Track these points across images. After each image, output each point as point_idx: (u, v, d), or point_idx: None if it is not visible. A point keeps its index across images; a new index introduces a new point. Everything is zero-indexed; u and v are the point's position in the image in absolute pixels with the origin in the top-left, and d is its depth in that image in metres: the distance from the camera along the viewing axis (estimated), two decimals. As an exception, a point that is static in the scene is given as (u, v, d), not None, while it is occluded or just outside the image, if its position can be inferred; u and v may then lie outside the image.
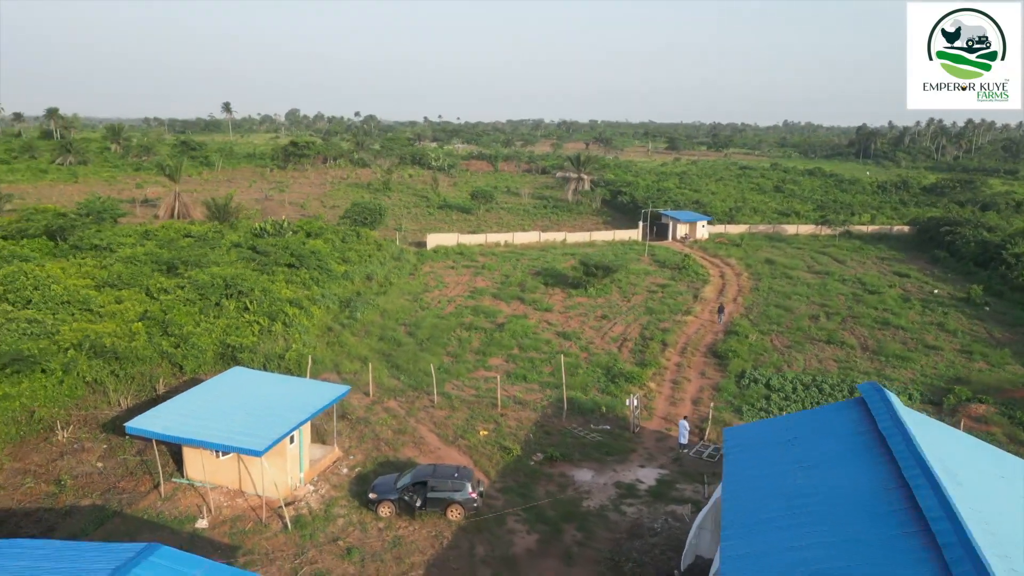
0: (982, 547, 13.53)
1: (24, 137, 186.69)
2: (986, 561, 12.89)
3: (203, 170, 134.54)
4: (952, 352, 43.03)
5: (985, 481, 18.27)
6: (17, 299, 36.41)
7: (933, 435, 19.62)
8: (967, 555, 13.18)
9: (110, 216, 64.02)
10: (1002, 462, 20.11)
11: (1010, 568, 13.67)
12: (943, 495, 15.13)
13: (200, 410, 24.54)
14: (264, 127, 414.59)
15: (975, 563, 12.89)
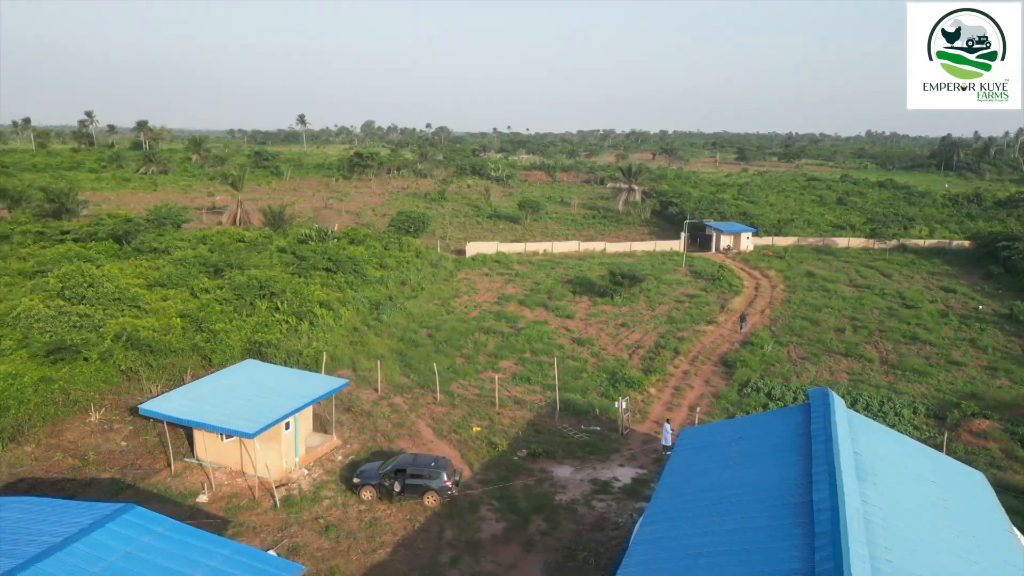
0: (859, 538, 14.44)
1: (116, 148, 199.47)
2: (847, 548, 13.80)
3: (272, 180, 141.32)
4: (976, 368, 42.15)
5: (906, 482, 18.82)
6: (73, 295, 40.33)
7: (868, 439, 20.22)
8: (832, 543, 14.11)
9: (173, 222, 68.81)
10: (938, 467, 20.50)
11: (885, 559, 14.47)
12: (834, 490, 16.00)
13: (207, 396, 27.16)
14: (340, 138, 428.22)
15: (836, 549, 13.82)
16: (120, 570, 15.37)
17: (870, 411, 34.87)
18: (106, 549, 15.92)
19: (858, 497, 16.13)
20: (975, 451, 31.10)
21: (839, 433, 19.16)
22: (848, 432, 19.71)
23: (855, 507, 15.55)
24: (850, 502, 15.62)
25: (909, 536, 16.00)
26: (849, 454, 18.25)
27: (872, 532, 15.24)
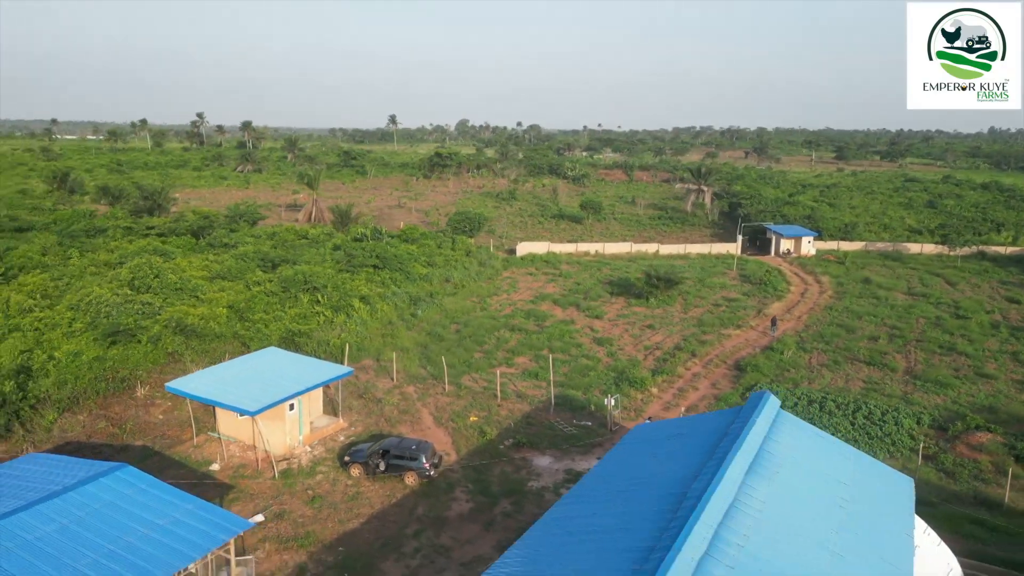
0: (711, 522, 15.99)
1: (222, 147, 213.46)
2: (692, 530, 15.36)
3: (356, 178, 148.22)
4: (1006, 382, 40.97)
5: (809, 480, 19.82)
6: (140, 285, 45.43)
7: (790, 440, 21.29)
8: (682, 525, 15.68)
9: (248, 219, 74.55)
10: (859, 470, 21.26)
11: (737, 543, 15.92)
12: (711, 481, 17.45)
13: (226, 377, 30.76)
14: (433, 137, 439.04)
15: (682, 530, 15.38)
16: (100, 514, 18.71)
17: (870, 419, 34.91)
18: (93, 498, 19.33)
19: (735, 488, 17.52)
20: (963, 463, 30.87)
21: (753, 432, 20.40)
22: (765, 432, 20.90)
23: (725, 497, 16.99)
24: (721, 492, 17.06)
25: (782, 527, 17.24)
26: (751, 451, 19.51)
27: (737, 519, 16.66)
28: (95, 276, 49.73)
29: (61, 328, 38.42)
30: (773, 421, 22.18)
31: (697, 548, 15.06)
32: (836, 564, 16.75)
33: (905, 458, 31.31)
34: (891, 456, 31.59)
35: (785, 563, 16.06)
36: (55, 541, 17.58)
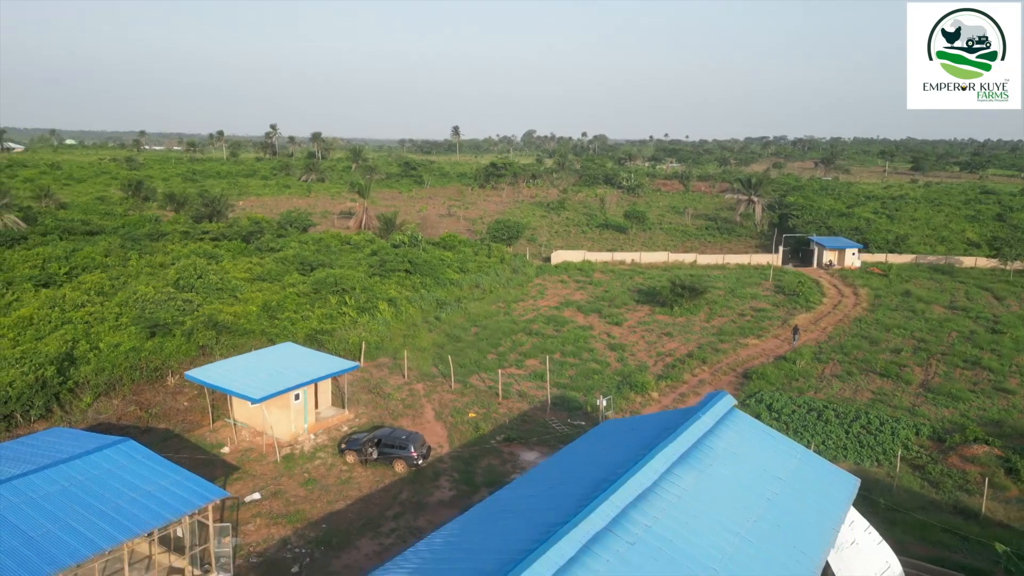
0: (619, 503, 17.28)
1: (293, 158, 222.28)
2: (596, 509, 16.67)
3: (413, 188, 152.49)
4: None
5: (742, 473, 20.68)
6: (185, 284, 49.06)
7: (736, 436, 22.20)
8: (591, 504, 16.98)
9: (299, 225, 78.49)
10: (802, 468, 21.93)
11: (644, 523, 17.17)
12: (635, 469, 18.67)
13: (240, 368, 33.41)
14: (497, 148, 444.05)
15: (588, 508, 16.70)
16: (98, 479, 21.27)
17: (867, 429, 34.91)
18: (95, 466, 21.94)
19: (655, 476, 18.73)
20: (951, 474, 30.73)
21: (694, 427, 21.52)
22: (709, 427, 21.98)
23: (642, 482, 18.24)
24: (639, 478, 18.32)
25: (698, 513, 18.29)
26: (686, 444, 20.63)
27: (652, 503, 17.92)
28: (149, 276, 53.80)
29: (108, 322, 42.12)
30: (721, 418, 23.11)
31: (596, 524, 16.37)
32: (742, 549, 17.70)
33: (891, 467, 31.34)
34: (878, 464, 31.69)
35: (688, 545, 17.15)
36: (55, 499, 20.19)
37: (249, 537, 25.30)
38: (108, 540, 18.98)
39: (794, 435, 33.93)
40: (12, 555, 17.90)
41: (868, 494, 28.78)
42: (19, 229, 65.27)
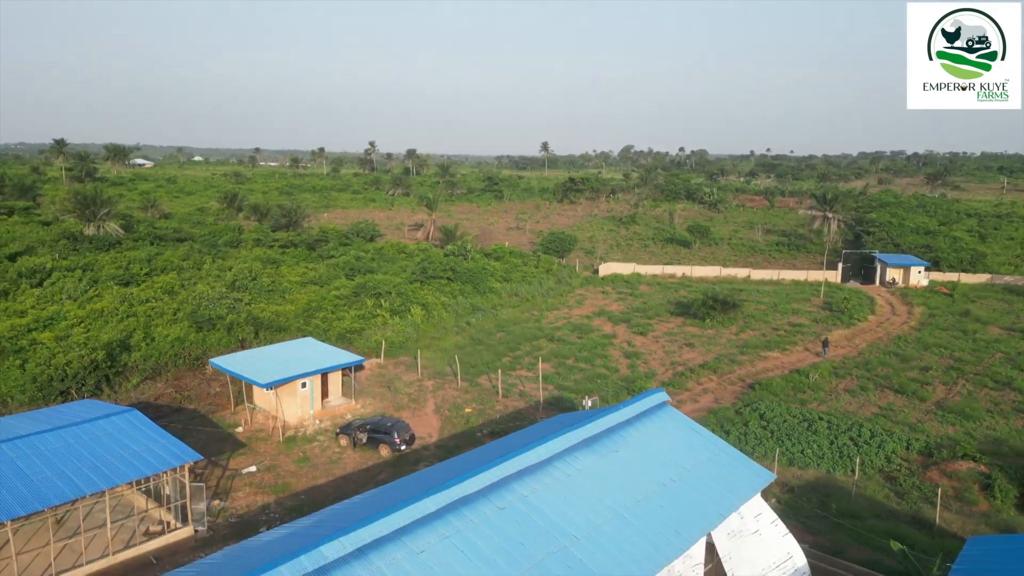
0: (499, 474, 19.34)
1: (390, 173, 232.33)
2: (475, 477, 18.82)
3: (492, 202, 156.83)
4: (1045, 419, 38.57)
5: (646, 459, 22.11)
6: (240, 285, 54.15)
7: (655, 429, 23.73)
8: (471, 474, 19.11)
9: (364, 235, 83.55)
10: (714, 461, 23.09)
11: (522, 493, 19.25)
12: (525, 449, 20.61)
13: (258, 358, 37.31)
14: (593, 163, 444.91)
15: (465, 476, 18.86)
16: (98, 439, 25.20)
17: (855, 441, 34.84)
18: (99, 428, 25.93)
19: (548, 455, 20.76)
20: (922, 486, 30.51)
21: (612, 418, 23.35)
22: (628, 418, 23.72)
23: (530, 459, 20.30)
24: (529, 456, 20.38)
25: (583, 491, 20.12)
26: (595, 431, 22.48)
27: (537, 477, 20.10)
28: (216, 278, 59.50)
29: (167, 316, 47.42)
30: (646, 412, 24.65)
31: (468, 488, 18.57)
32: (614, 524, 19.37)
33: (866, 476, 31.44)
34: (851, 473, 31.77)
35: (558, 515, 18.99)
36: (59, 453, 24.19)
37: (236, 502, 28.75)
38: (91, 487, 22.73)
39: (776, 442, 34.45)
40: (12, 492, 21.87)
41: (824, 498, 29.28)
42: (117, 235, 73.16)
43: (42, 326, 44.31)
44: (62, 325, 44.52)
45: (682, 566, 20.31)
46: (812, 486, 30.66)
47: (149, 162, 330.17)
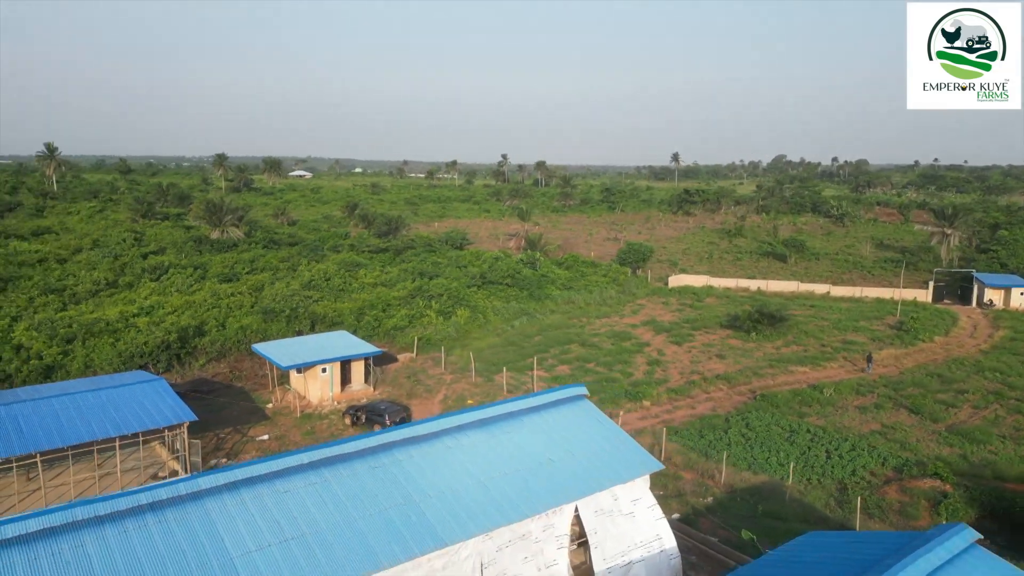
0: (391, 438, 23.03)
1: (519, 184, 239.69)
2: (344, 444, 22.68)
3: (603, 213, 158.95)
4: (1064, 448, 36.51)
5: (537, 444, 24.86)
6: (315, 285, 61.07)
7: (562, 417, 26.40)
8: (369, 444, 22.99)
9: (452, 243, 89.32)
10: (608, 450, 25.35)
11: (380, 459, 22.77)
12: (415, 427, 24.17)
13: (291, 346, 43.10)
14: (735, 174, 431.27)
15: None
16: (121, 399, 31.52)
17: (829, 453, 35.10)
18: (127, 391, 32.31)
19: (435, 428, 24.14)
20: (869, 499, 30.64)
21: (522, 404, 26.35)
22: (538, 404, 26.54)
23: (419, 431, 23.77)
24: (420, 429, 23.86)
25: (459, 460, 23.36)
26: (491, 414, 25.50)
27: (421, 448, 23.47)
28: (296, 278, 67.04)
29: (244, 308, 54.88)
30: (558, 402, 27.29)
31: (347, 449, 22.41)
32: (472, 490, 22.47)
33: (819, 484, 31.97)
34: (807, 481, 32.32)
35: (423, 479, 22.38)
36: (92, 407, 30.63)
37: (239, 459, 34.28)
38: (103, 432, 28.88)
39: (746, 449, 35.46)
40: (46, 433, 28.37)
41: (761, 500, 30.34)
42: (236, 239, 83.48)
43: (144, 313, 52.96)
44: (159, 313, 52.97)
45: (543, 533, 23.03)
46: (755, 489, 31.64)
47: (308, 173, 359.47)
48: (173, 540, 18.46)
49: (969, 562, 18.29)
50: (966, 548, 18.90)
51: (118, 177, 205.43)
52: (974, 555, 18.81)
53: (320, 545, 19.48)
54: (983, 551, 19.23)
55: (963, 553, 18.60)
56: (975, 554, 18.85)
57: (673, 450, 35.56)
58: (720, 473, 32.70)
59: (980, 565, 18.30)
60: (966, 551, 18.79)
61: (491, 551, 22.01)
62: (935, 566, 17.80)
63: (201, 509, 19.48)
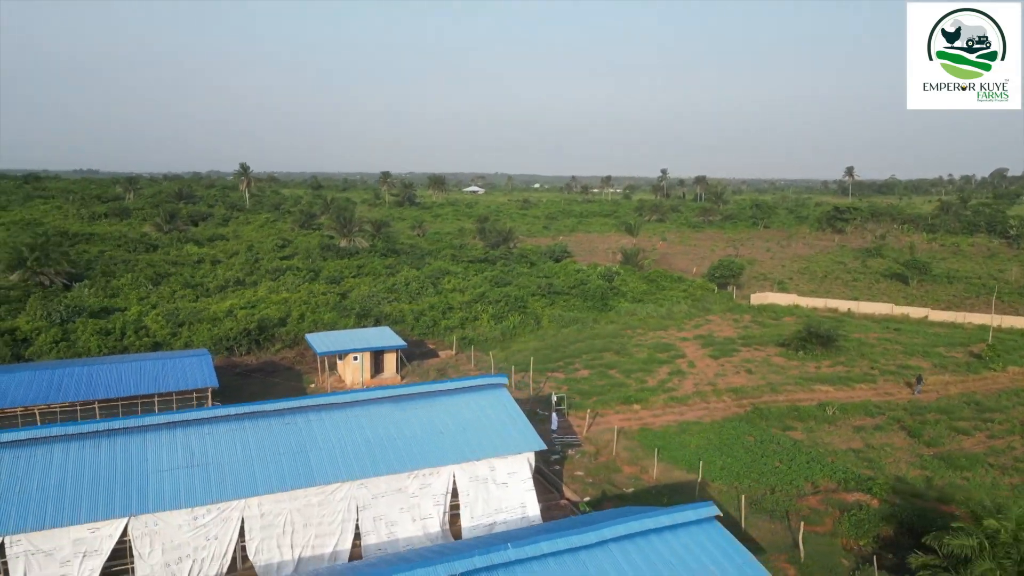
0: (290, 404, 28.98)
1: (677, 200, 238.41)
2: (243, 408, 28.81)
3: (745, 229, 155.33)
4: (1054, 483, 34.51)
5: (432, 420, 29.46)
6: (396, 288, 68.80)
7: (473, 402, 30.91)
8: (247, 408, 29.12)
9: (553, 256, 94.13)
10: (502, 432, 29.31)
11: (307, 424, 28.60)
12: (328, 399, 29.81)
13: (336, 337, 50.39)
14: (935, 189, 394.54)
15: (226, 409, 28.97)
16: (170, 367, 40.08)
17: (788, 464, 35.86)
18: (178, 361, 40.91)
19: (356, 398, 29.66)
20: (777, 507, 31.59)
21: (437, 386, 31.26)
22: (452, 389, 31.29)
23: (321, 402, 29.40)
24: (333, 399, 29.51)
25: (356, 424, 28.65)
26: (411, 392, 30.62)
27: (329, 411, 29.05)
28: (381, 282, 75.19)
29: (329, 305, 63.63)
30: (476, 388, 32.03)
31: (267, 408, 28.53)
32: (358, 445, 27.68)
33: (742, 488, 33.34)
34: (731, 484, 33.77)
35: (322, 435, 28.01)
36: (144, 371, 39.43)
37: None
38: (144, 390, 37.39)
39: (698, 454, 37.07)
40: (106, 386, 37.32)
41: (673, 493, 32.50)
42: (359, 247, 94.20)
43: (249, 306, 63.28)
44: (260, 306, 63.05)
45: (420, 490, 27.76)
46: (678, 487, 33.63)
47: (481, 189, 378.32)
48: (113, 456, 25.48)
49: (694, 531, 20.71)
50: (698, 520, 21.22)
51: (307, 192, 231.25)
52: (705, 527, 21.11)
53: (216, 472, 25.69)
54: (717, 526, 21.38)
55: (692, 524, 21.00)
56: (706, 526, 21.13)
57: (627, 447, 38.14)
58: (653, 469, 35.04)
59: (702, 535, 20.65)
60: (697, 523, 21.15)
61: (367, 497, 27.07)
62: (661, 526, 20.49)
63: (140, 439, 26.42)
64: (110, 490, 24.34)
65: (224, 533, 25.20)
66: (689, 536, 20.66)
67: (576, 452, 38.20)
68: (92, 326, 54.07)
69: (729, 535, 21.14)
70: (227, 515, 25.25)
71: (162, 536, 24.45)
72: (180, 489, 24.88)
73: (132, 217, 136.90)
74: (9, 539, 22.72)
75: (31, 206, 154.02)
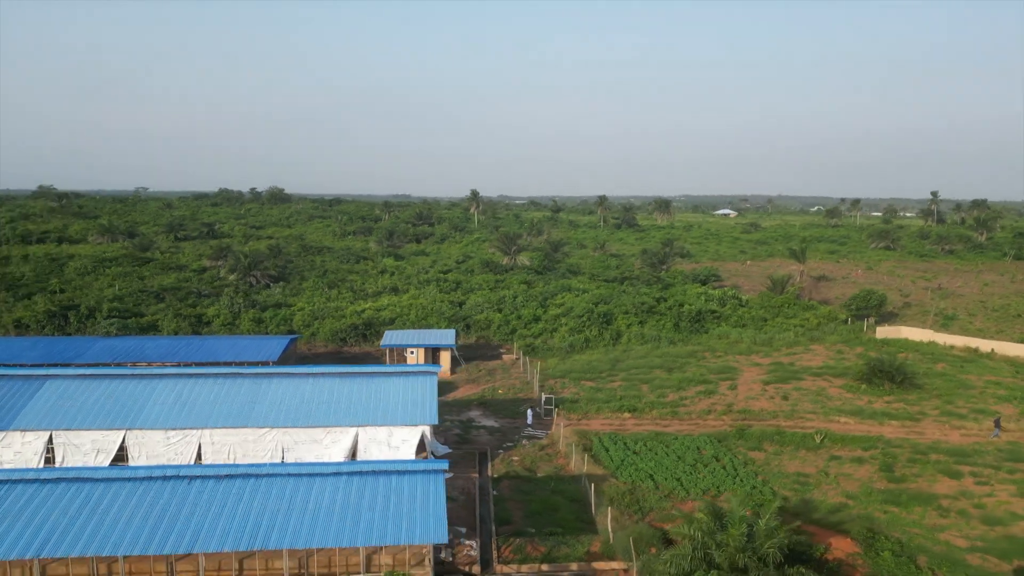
0: (263, 386, 38.59)
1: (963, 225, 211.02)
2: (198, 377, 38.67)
3: (972, 258, 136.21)
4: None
5: (359, 393, 36.93)
6: (504, 300, 76.69)
7: (400, 382, 37.84)
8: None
9: (699, 279, 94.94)
10: (412, 407, 35.89)
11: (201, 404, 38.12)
12: (298, 370, 38.83)
13: (404, 335, 59.62)
14: None
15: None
16: (257, 343, 52.35)
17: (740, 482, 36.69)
18: (261, 340, 53.12)
19: (304, 371, 38.40)
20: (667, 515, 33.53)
21: (376, 368, 38.89)
22: (391, 371, 38.76)
23: (292, 371, 38.49)
24: (298, 370, 38.56)
25: (294, 390, 37.31)
26: (361, 370, 38.51)
27: (283, 378, 38.17)
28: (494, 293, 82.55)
29: (440, 311, 73.44)
30: (409, 373, 39.00)
31: (211, 371, 38.35)
32: (290, 405, 36.06)
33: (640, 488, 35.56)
34: (631, 483, 36.07)
35: (267, 395, 36.87)
36: (238, 346, 51.97)
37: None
38: (228, 358, 49.66)
39: (641, 458, 39.45)
40: (203, 355, 50.34)
41: (568, 482, 36.17)
42: (520, 264, 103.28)
43: (383, 309, 75.33)
44: (385, 309, 74.88)
45: (332, 444, 35.56)
46: (580, 477, 36.83)
47: (733, 212, 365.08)
48: (128, 390, 37.04)
49: (418, 478, 26.01)
50: (426, 471, 26.21)
51: (545, 215, 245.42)
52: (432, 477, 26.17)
53: (188, 410, 36.02)
54: (439, 479, 26.12)
55: (420, 473, 26.13)
56: (432, 477, 26.15)
57: (578, 445, 41.36)
58: (575, 462, 38.63)
59: (419, 482, 25.84)
60: (425, 473, 26.20)
61: (290, 442, 35.67)
62: (394, 470, 26.18)
63: (148, 383, 37.73)
64: (119, 412, 35.72)
65: (187, 452, 35.28)
66: (411, 481, 25.92)
67: (531, 444, 42.76)
68: (253, 315, 69.78)
69: (441, 487, 25.83)
70: (190, 439, 35.33)
71: (147, 447, 35.20)
72: (160, 417, 35.50)
73: (371, 235, 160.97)
74: (55, 433, 34.94)
75: (310, 224, 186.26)
